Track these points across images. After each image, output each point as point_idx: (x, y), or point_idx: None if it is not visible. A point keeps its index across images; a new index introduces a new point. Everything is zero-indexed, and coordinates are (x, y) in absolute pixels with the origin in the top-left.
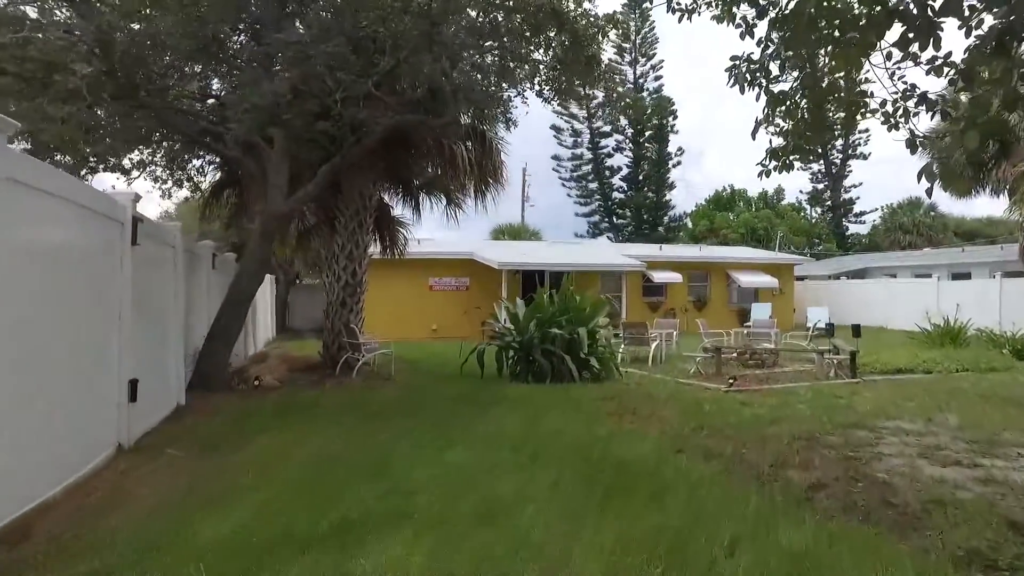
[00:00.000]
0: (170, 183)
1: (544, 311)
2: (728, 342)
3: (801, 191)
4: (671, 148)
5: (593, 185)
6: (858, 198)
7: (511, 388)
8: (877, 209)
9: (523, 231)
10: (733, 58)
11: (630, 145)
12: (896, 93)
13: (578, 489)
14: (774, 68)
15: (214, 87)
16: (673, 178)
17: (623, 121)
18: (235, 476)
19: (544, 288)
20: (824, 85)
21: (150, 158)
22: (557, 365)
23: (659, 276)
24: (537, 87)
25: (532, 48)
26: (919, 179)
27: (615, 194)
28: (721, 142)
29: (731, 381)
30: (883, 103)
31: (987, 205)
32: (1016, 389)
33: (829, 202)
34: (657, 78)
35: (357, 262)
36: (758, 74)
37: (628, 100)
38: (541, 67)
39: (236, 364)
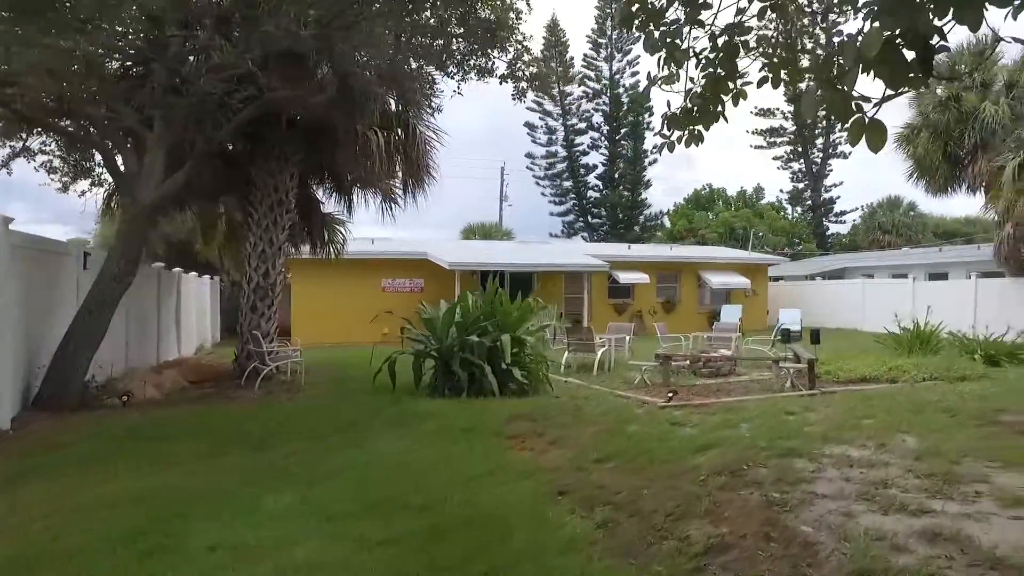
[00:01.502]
0: (69, 175)
1: (469, 315)
2: (687, 347)
3: (781, 190)
4: (647, 146)
5: (568, 184)
6: (838, 197)
7: (418, 404)
8: (857, 209)
9: (495, 230)
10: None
11: (605, 143)
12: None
13: (390, 565)
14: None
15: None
16: (649, 176)
17: (598, 118)
18: None
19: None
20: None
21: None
22: (478, 376)
23: (625, 277)
24: (436, 60)
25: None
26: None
27: (590, 193)
28: (712, 141)
29: (669, 395)
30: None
31: (965, 203)
32: (985, 403)
33: (810, 202)
34: (633, 74)
35: (270, 262)
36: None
37: (533, 70)
38: (430, 35)
39: (126, 375)
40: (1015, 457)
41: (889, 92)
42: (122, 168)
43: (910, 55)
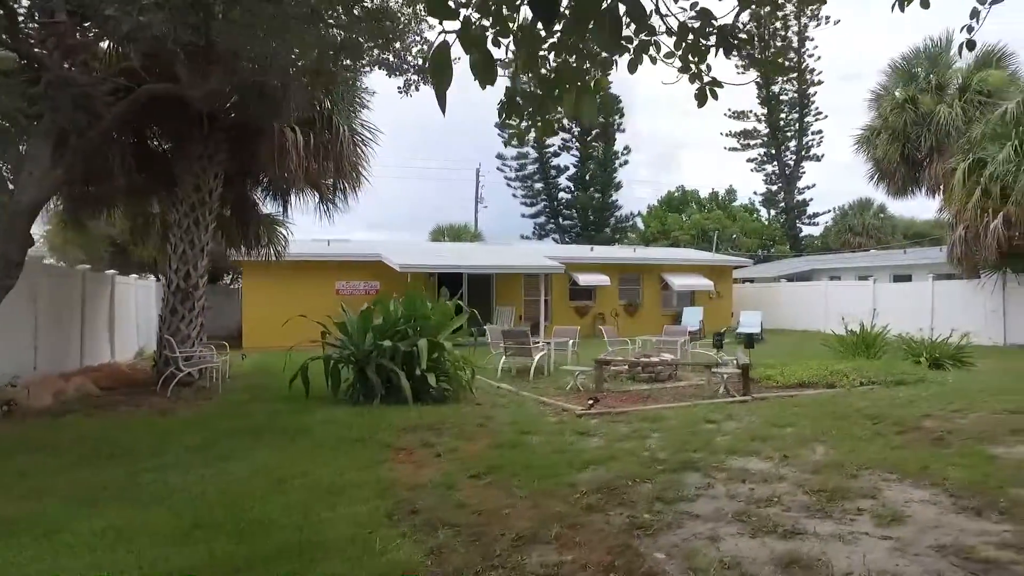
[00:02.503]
0: None
1: (390, 319)
2: (633, 351)
3: (755, 192)
4: (618, 147)
5: (539, 185)
6: (811, 200)
7: (322, 413)
8: (830, 211)
9: (464, 232)
10: None
11: (576, 144)
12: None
13: None
14: None
15: None
16: (620, 178)
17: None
18: None
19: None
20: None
21: None
22: (395, 383)
23: (584, 278)
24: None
25: None
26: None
27: (561, 194)
28: (696, 143)
29: (590, 403)
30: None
31: (925, 205)
32: (912, 408)
33: (783, 204)
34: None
35: (191, 264)
36: None
37: (422, 61)
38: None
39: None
40: (916, 468)
41: None
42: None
43: None
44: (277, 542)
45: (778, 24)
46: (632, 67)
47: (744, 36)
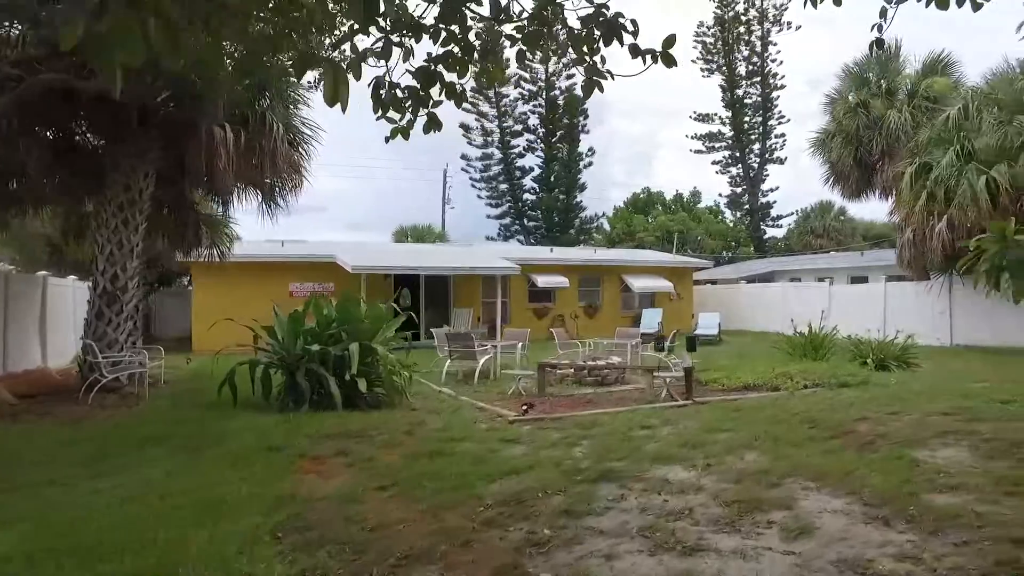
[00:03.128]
0: None
1: (323, 321)
2: (584, 353)
3: (720, 194)
4: (582, 148)
5: (504, 186)
6: (775, 202)
7: (243, 420)
8: (793, 213)
9: (428, 233)
10: None
11: (542, 145)
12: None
13: None
14: None
15: None
16: (585, 179)
17: (535, 120)
18: None
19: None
20: None
21: None
22: (328, 388)
23: (543, 280)
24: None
25: None
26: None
27: (526, 195)
28: (669, 146)
29: (524, 408)
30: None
31: (881, 208)
32: (850, 411)
33: (747, 206)
34: (569, 76)
35: (119, 265)
36: None
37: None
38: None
39: None
40: (839, 475)
41: None
42: None
43: None
44: (132, 566)
45: (741, 29)
46: (520, 59)
47: (631, 29)
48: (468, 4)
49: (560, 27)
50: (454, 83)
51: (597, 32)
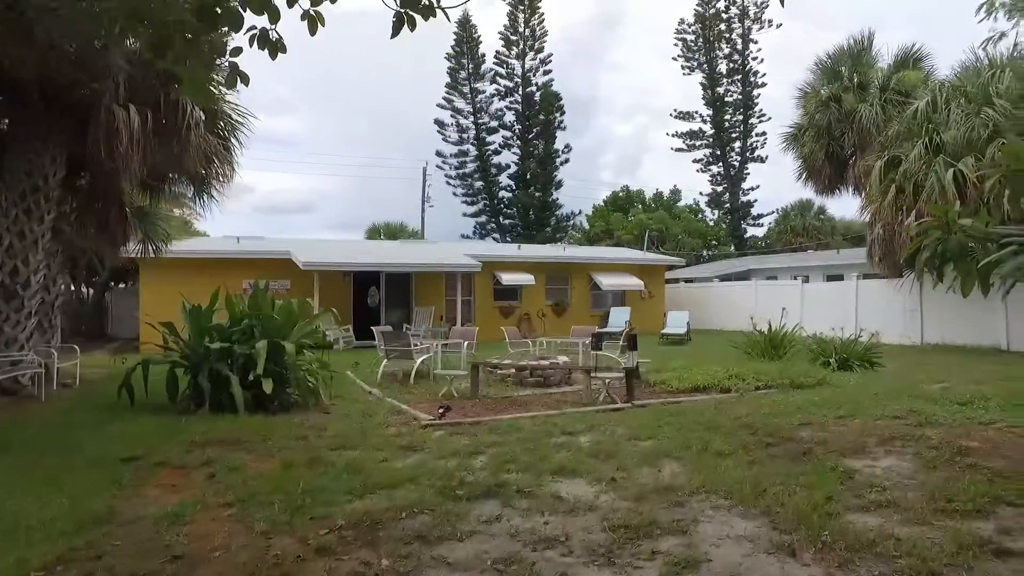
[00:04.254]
0: None
1: (235, 317)
2: (533, 353)
3: (701, 193)
4: (558, 145)
5: (479, 184)
6: (756, 201)
7: (122, 424)
8: (774, 212)
9: (400, 230)
10: None
11: (518, 142)
12: None
13: None
14: None
15: None
16: (561, 176)
17: (511, 116)
18: None
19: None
20: None
21: None
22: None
23: (508, 278)
24: None
25: None
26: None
27: (502, 193)
28: (656, 146)
29: (441, 411)
30: None
31: (855, 205)
32: (796, 415)
33: (728, 204)
34: (546, 72)
35: (19, 258)
36: None
37: None
38: None
39: None
40: (758, 490)
41: None
42: None
43: None
44: None
45: (722, 26)
46: None
47: None
48: None
49: None
50: None
51: None
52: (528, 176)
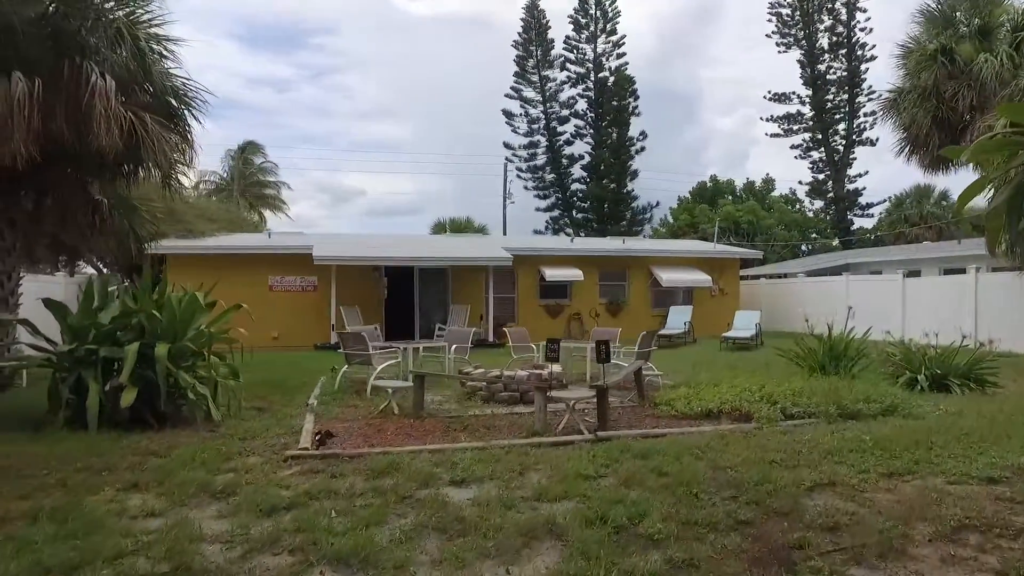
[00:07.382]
0: None
1: (125, 312)
2: (537, 359)
3: (800, 182)
4: (633, 132)
5: (551, 176)
6: (864, 188)
7: None
8: (886, 200)
9: (466, 225)
10: None
11: (591, 131)
12: None
13: None
14: None
15: None
16: (636, 166)
17: (583, 105)
18: None
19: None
20: None
21: None
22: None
23: (552, 273)
24: None
25: None
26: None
27: (575, 186)
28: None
29: (318, 436)
30: None
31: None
32: (819, 468)
33: (831, 193)
34: (620, 55)
35: None
36: None
37: None
38: None
39: None
40: None
41: None
42: None
43: None
44: None
45: None
46: None
47: None
48: None
49: None
50: None
51: None
52: (601, 167)
